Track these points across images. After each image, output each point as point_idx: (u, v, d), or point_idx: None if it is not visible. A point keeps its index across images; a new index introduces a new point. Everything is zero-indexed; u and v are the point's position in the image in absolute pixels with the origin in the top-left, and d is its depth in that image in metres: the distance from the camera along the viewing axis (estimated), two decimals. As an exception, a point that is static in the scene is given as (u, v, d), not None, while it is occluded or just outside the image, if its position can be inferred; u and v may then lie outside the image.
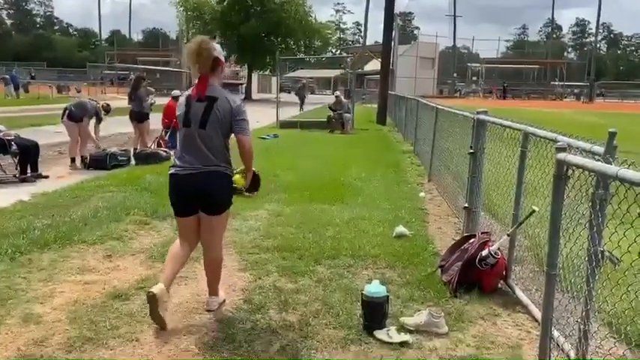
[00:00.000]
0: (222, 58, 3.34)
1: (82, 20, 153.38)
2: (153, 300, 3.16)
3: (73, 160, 9.29)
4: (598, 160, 2.56)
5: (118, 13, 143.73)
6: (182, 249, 3.44)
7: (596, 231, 2.52)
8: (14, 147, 7.83)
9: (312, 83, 72.07)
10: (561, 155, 2.62)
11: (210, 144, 3.23)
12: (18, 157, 7.91)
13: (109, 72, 52.56)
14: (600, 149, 2.65)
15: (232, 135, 3.34)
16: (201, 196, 3.29)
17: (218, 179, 3.29)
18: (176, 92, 13.21)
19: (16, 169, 7.91)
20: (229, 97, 3.29)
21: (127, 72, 56.85)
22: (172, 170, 3.34)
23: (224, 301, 3.66)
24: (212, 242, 3.49)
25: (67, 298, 3.68)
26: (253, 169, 3.60)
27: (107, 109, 9.95)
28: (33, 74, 50.16)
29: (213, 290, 3.61)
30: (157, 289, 3.19)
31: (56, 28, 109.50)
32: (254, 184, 3.55)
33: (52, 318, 3.36)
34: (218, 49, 3.30)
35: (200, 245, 3.56)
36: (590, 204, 2.60)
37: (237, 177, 3.50)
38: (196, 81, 3.30)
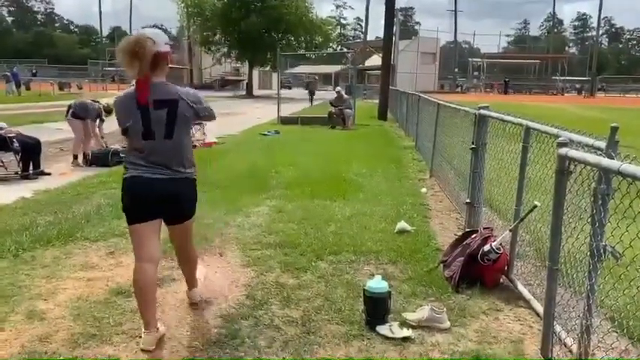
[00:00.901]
0: (167, 48, 2.97)
1: (83, 17, 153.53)
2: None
3: (75, 157, 9.30)
4: (600, 155, 2.56)
5: (119, 10, 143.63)
6: (149, 271, 3.03)
7: (599, 226, 2.53)
8: (16, 144, 7.84)
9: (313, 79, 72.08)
10: (563, 150, 2.62)
11: (178, 153, 3.00)
12: (20, 155, 7.92)
13: (110, 69, 52.53)
14: (602, 144, 2.64)
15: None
16: (172, 203, 3.04)
17: (188, 185, 3.10)
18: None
19: (19, 166, 7.92)
20: (187, 95, 3.00)
21: (128, 69, 56.85)
22: (134, 172, 2.96)
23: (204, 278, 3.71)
24: (188, 244, 3.40)
25: (71, 294, 3.69)
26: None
27: (108, 110, 9.90)
28: (34, 71, 50.09)
29: (192, 283, 3.60)
30: (151, 344, 2.98)
31: (57, 25, 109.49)
32: None
33: (56, 315, 3.37)
34: (159, 40, 2.90)
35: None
36: (592, 199, 2.61)
37: None
38: (136, 83, 2.90)
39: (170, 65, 3.02)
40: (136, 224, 3.01)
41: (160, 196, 2.98)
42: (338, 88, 19.57)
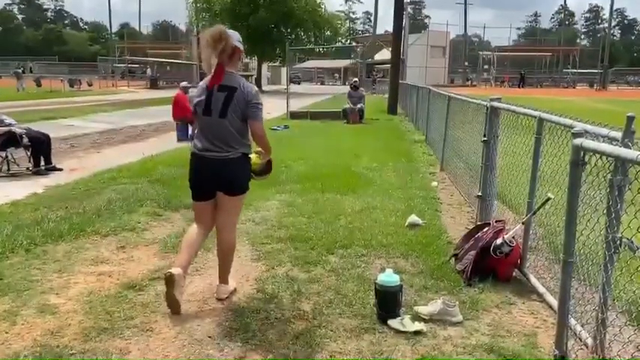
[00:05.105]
0: (241, 47, 3.43)
1: (93, 14, 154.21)
2: (170, 280, 3.22)
3: None
4: (616, 145, 2.51)
5: (128, 6, 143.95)
6: (197, 233, 3.49)
7: (614, 217, 2.48)
8: (26, 140, 7.87)
9: (322, 73, 71.97)
10: (578, 141, 2.57)
11: (229, 132, 3.31)
12: (30, 150, 7.95)
13: (119, 65, 52.75)
14: (618, 134, 2.60)
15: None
16: (219, 179, 3.37)
17: (235, 164, 3.35)
18: (184, 83, 13.21)
19: (29, 161, 7.96)
20: (247, 87, 3.34)
21: (137, 65, 57.14)
22: (193, 150, 3.43)
23: (234, 290, 3.67)
24: (228, 224, 3.53)
25: (82, 289, 3.70)
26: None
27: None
28: (22, 69, 49.31)
29: (222, 277, 3.63)
30: (175, 270, 3.25)
31: (67, 22, 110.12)
32: (267, 167, 3.56)
33: (68, 309, 3.38)
34: (237, 38, 3.40)
35: (214, 236, 3.59)
36: (608, 190, 2.56)
37: (253, 156, 3.52)
38: (212, 70, 3.33)
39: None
40: (195, 201, 3.53)
41: (213, 175, 3.36)
42: (355, 79, 19.57)
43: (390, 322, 3.22)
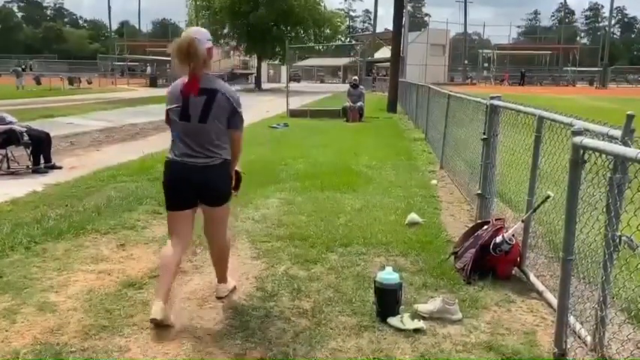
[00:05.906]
0: (211, 44, 3.21)
1: (93, 12, 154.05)
2: (157, 324, 3.05)
3: None
4: (615, 143, 2.51)
5: (127, 4, 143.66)
6: (174, 251, 3.23)
7: (614, 215, 2.49)
8: (26, 137, 7.87)
9: (322, 72, 71.94)
10: (578, 139, 2.57)
11: (209, 137, 3.14)
12: (30, 148, 7.94)
13: (119, 63, 52.68)
14: (617, 132, 2.60)
15: None
16: (201, 189, 3.20)
17: (217, 171, 3.19)
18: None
19: (29, 159, 7.95)
20: (226, 89, 3.19)
21: (137, 63, 57.11)
22: (170, 156, 3.23)
23: (234, 287, 3.67)
24: (217, 233, 3.41)
25: (82, 286, 3.70)
26: (237, 168, 3.39)
27: None
28: (23, 67, 49.01)
29: (220, 277, 3.60)
30: (156, 312, 3.02)
31: (66, 20, 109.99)
32: (236, 183, 3.45)
33: (68, 307, 3.38)
34: (206, 37, 3.19)
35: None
36: (608, 188, 2.56)
37: None
38: (186, 76, 3.14)
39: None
40: (171, 211, 3.31)
41: (192, 184, 3.18)
42: (355, 77, 19.63)
43: (390, 320, 3.22)
